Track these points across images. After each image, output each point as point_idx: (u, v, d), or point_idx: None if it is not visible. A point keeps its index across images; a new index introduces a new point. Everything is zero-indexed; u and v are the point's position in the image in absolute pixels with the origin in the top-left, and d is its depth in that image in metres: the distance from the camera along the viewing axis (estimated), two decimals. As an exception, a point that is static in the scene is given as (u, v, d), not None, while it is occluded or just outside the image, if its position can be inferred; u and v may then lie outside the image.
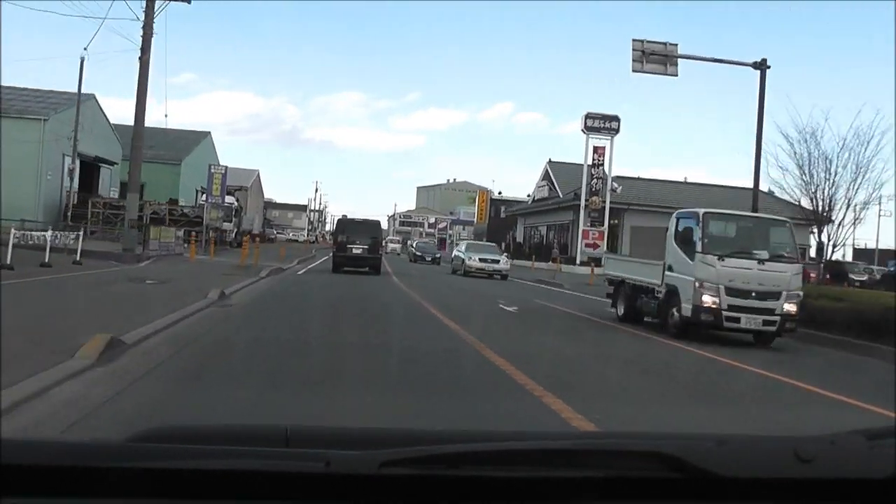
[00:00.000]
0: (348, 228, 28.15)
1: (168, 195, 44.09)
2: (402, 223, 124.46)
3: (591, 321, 15.80)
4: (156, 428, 1.56)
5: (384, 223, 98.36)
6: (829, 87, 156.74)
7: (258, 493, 1.36)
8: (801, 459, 1.48)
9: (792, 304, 12.50)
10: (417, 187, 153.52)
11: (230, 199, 44.63)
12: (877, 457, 1.54)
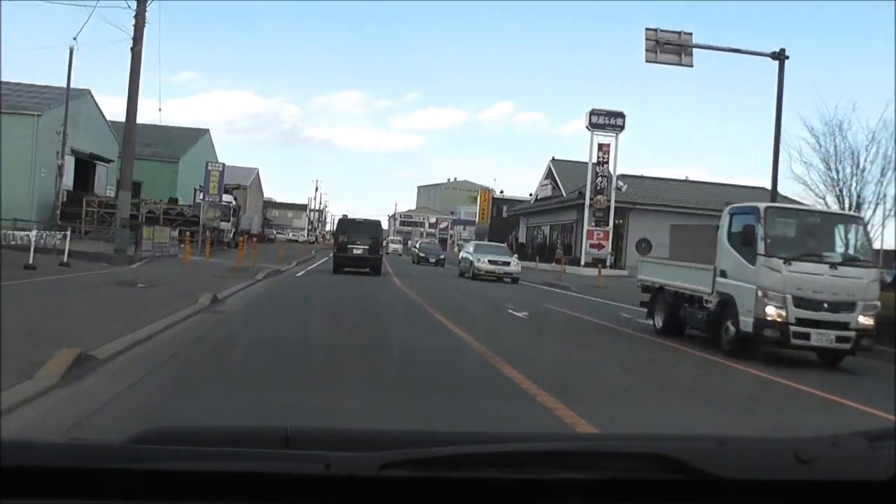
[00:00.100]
0: (349, 229, 27.93)
1: (166, 194, 43.16)
2: (403, 223, 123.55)
3: (622, 332, 14.06)
4: (156, 429, 1.55)
5: (385, 223, 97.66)
6: (854, 79, 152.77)
7: (258, 495, 1.35)
8: (801, 461, 1.45)
9: (868, 317, 10.62)
10: (418, 187, 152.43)
11: (228, 198, 43.37)
12: (877, 458, 1.52)
